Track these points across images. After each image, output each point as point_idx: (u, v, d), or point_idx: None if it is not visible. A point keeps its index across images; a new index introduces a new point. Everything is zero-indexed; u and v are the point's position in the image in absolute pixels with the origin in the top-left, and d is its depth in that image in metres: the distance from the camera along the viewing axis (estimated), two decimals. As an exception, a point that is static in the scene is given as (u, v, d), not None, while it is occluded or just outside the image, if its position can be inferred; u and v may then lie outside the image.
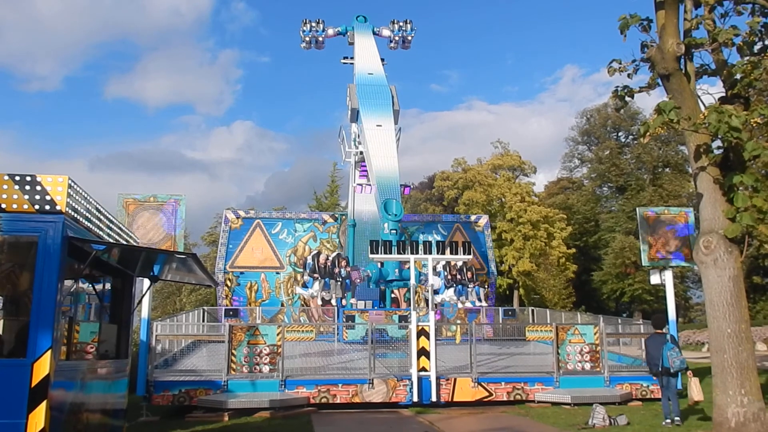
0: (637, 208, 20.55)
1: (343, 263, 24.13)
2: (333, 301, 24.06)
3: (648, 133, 9.95)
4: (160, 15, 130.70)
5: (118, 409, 9.02)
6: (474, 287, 24.88)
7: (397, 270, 20.68)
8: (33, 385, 6.09)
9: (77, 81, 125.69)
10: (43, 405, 6.06)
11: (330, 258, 24.38)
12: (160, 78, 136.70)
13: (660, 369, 12.45)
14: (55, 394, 6.27)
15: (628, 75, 10.98)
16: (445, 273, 24.44)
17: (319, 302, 24.09)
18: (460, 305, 24.46)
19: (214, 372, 15.95)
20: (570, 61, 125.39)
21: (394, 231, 20.14)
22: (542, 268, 52.02)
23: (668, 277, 18.58)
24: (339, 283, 23.79)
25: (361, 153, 24.79)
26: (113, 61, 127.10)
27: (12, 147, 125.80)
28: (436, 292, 22.33)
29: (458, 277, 24.53)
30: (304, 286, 25.19)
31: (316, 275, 24.02)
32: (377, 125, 22.29)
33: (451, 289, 24.20)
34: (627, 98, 11.28)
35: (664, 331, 13.73)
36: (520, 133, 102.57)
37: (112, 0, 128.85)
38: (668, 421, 12.24)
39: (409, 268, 17.66)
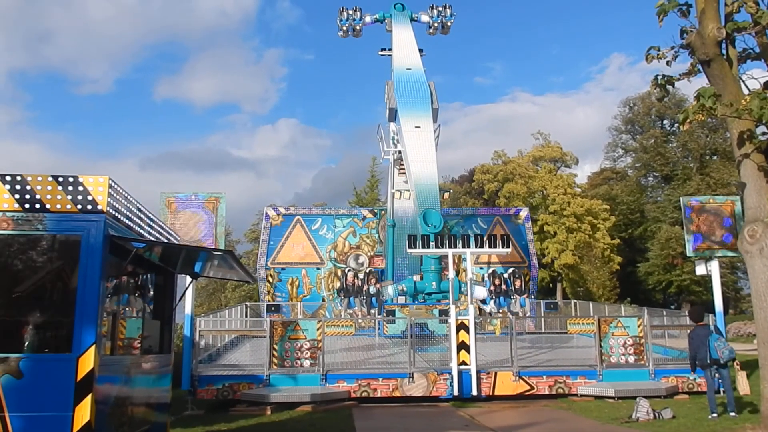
0: (681, 198, 20.11)
1: (373, 280, 23.77)
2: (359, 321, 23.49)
3: (687, 121, 9.72)
4: (207, 16, 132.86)
5: (162, 403, 9.22)
6: (520, 298, 24.19)
7: (434, 283, 20.05)
8: (78, 379, 6.26)
9: (128, 83, 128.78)
10: (89, 398, 6.23)
11: (359, 276, 24.04)
12: (207, 78, 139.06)
13: (708, 361, 12.12)
14: (100, 388, 6.44)
15: (667, 62, 10.71)
16: (491, 283, 23.83)
17: None
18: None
19: (257, 366, 16.20)
20: (617, 49, 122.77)
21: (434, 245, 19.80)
22: (586, 260, 51.24)
23: (714, 267, 18.15)
24: (364, 300, 23.38)
25: (400, 152, 24.41)
26: (162, 63, 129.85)
27: (65, 148, 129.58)
28: (483, 302, 21.85)
29: (503, 287, 23.85)
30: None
31: (341, 295, 23.85)
32: (416, 126, 21.66)
33: (492, 302, 23.54)
34: (668, 86, 11.02)
35: (706, 322, 13.40)
36: (565, 124, 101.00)
37: (161, 3, 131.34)
38: (715, 415, 11.94)
39: (448, 280, 17.39)
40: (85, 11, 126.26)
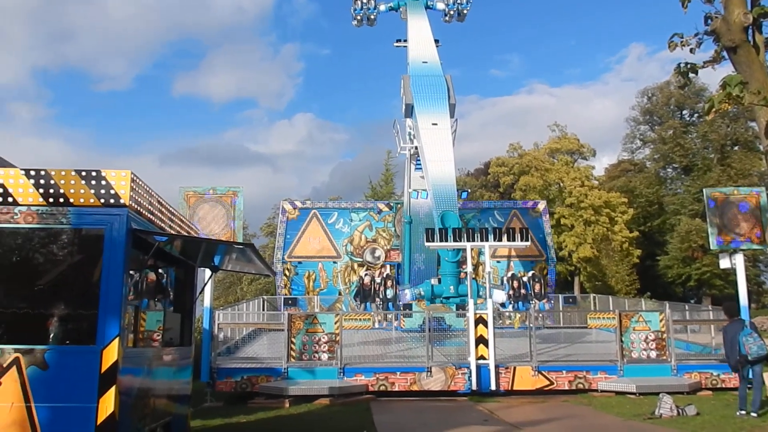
0: (704, 189, 19.82)
1: (390, 282, 23.55)
2: (375, 325, 22.90)
3: (713, 110, 9.53)
4: (224, 13, 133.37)
5: (183, 394, 9.26)
6: (539, 303, 23.77)
7: (452, 287, 19.63)
8: (102, 370, 6.31)
9: (146, 79, 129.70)
10: (113, 390, 6.27)
11: (376, 279, 23.79)
12: (224, 74, 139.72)
13: (738, 357, 11.73)
14: (124, 380, 6.48)
15: (691, 50, 10.51)
16: (509, 287, 23.48)
17: None
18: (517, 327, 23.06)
19: (275, 359, 16.24)
20: (635, 39, 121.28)
21: None
22: (604, 253, 50.85)
23: (739, 260, 17.78)
24: (381, 305, 23.13)
25: (416, 148, 24.08)
26: (180, 59, 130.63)
27: (86, 144, 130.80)
28: (502, 305, 21.59)
29: (522, 292, 23.48)
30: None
31: (357, 299, 23.63)
32: (432, 124, 21.18)
33: (510, 306, 23.12)
34: (690, 74, 10.80)
35: (740, 317, 13.04)
36: (583, 115, 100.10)
37: (180, 1, 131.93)
38: (743, 412, 11.68)
39: (466, 284, 17.24)
40: (106, 10, 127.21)
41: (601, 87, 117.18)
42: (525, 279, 23.94)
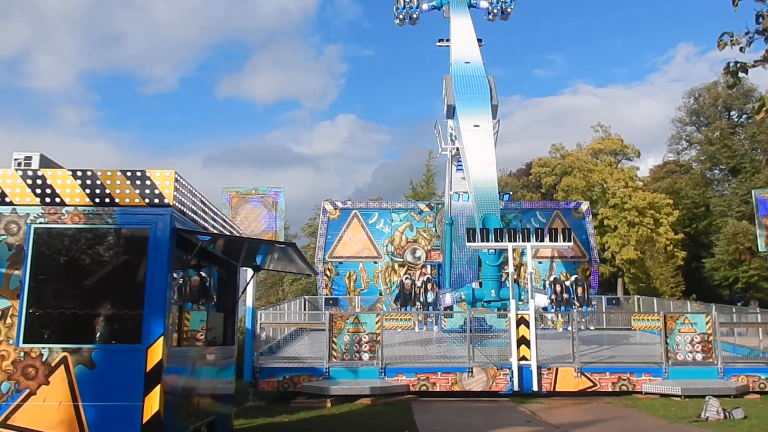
0: (753, 191, 19.34)
1: (430, 286, 23.35)
2: (416, 326, 22.37)
3: (764, 109, 9.26)
4: (268, 14, 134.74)
5: (226, 394, 9.37)
6: (582, 308, 23.26)
7: (493, 291, 19.24)
8: (148, 369, 6.41)
9: (191, 81, 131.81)
10: (158, 389, 6.36)
11: (417, 283, 23.62)
12: (267, 75, 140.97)
13: None
14: (168, 379, 6.57)
15: (741, 49, 10.22)
16: (552, 291, 23.11)
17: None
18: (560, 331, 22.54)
19: (316, 359, 16.34)
20: (684, 38, 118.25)
21: (493, 250, 19.43)
22: (648, 255, 49.91)
23: (788, 262, 17.37)
24: (421, 309, 22.90)
25: (458, 149, 23.84)
26: (224, 61, 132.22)
27: (131, 146, 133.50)
28: (544, 309, 21.29)
29: (565, 296, 23.03)
30: None
31: (398, 303, 23.44)
32: (474, 125, 20.89)
33: (553, 311, 22.69)
34: (740, 74, 10.52)
35: None
36: (629, 116, 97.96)
37: (225, 3, 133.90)
38: None
39: (508, 287, 17.06)
40: (151, 13, 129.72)
41: (648, 87, 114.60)
42: (568, 283, 23.55)
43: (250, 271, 10.68)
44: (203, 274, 8.94)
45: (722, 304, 25.09)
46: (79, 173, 6.94)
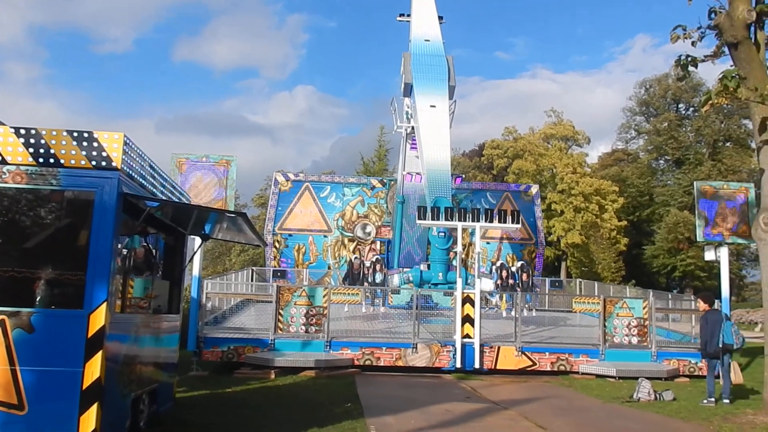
0: (695, 182, 19.96)
1: (378, 266, 23.29)
2: (362, 310, 22.08)
3: (709, 103, 9.57)
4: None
5: (170, 362, 9.28)
6: (526, 295, 23.47)
7: (441, 274, 19.57)
8: (89, 335, 6.25)
9: (147, 43, 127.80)
10: (99, 355, 6.23)
11: (365, 263, 23.50)
12: (227, 41, 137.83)
13: (720, 346, 11.84)
14: (110, 345, 6.44)
15: (692, 43, 10.53)
16: (498, 276, 23.34)
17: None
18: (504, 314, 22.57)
19: (262, 331, 16.31)
20: (642, 29, 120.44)
21: (443, 234, 19.48)
22: (592, 240, 51.21)
23: (723, 253, 18.08)
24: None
25: (413, 128, 23.74)
26: (183, 24, 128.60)
27: (82, 107, 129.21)
28: (489, 294, 21.52)
29: (510, 281, 23.27)
30: None
31: (346, 283, 23.37)
32: (431, 105, 20.89)
33: (497, 296, 22.94)
34: (690, 67, 10.82)
35: (717, 308, 13.31)
36: (584, 103, 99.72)
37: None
38: (712, 399, 11.83)
39: (455, 270, 17.22)
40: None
41: (605, 76, 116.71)
42: (514, 269, 23.93)
43: (197, 240, 10.53)
44: (150, 241, 8.78)
45: (659, 291, 25.98)
46: (22, 131, 6.65)
